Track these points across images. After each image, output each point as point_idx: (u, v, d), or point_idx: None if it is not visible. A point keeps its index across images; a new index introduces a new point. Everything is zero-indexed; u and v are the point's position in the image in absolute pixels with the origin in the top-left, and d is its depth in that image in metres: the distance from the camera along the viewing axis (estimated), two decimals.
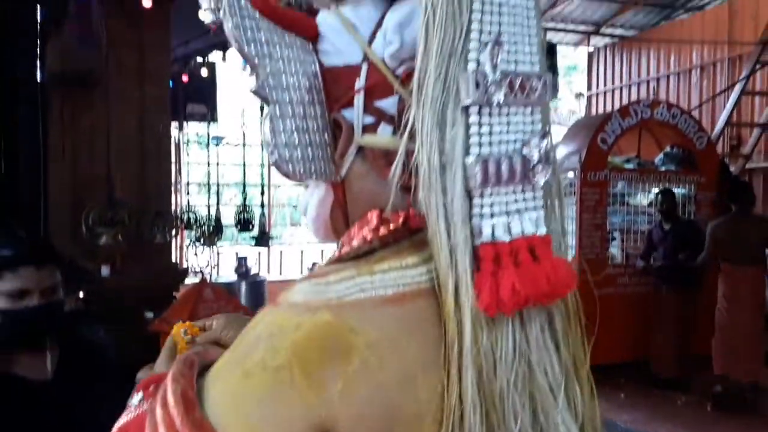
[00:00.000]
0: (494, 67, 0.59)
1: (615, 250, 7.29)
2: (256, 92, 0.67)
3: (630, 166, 7.14)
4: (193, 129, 9.20)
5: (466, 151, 0.59)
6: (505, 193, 0.60)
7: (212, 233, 5.08)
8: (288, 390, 0.55)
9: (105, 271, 3.85)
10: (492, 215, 0.59)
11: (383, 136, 0.67)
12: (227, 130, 10.90)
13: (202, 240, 5.18)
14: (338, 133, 0.69)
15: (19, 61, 3.65)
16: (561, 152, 7.56)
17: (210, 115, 7.64)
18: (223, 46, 5.29)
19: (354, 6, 0.68)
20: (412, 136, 0.60)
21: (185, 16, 4.12)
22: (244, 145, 8.50)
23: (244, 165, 8.00)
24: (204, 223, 5.08)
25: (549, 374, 0.61)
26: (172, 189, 4.95)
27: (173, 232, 4.13)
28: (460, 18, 0.58)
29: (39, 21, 3.65)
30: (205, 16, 0.70)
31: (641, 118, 6.93)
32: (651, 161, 7.26)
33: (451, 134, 0.58)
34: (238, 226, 6.72)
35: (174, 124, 6.18)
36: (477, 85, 0.58)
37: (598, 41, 13.75)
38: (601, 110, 13.32)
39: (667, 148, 7.20)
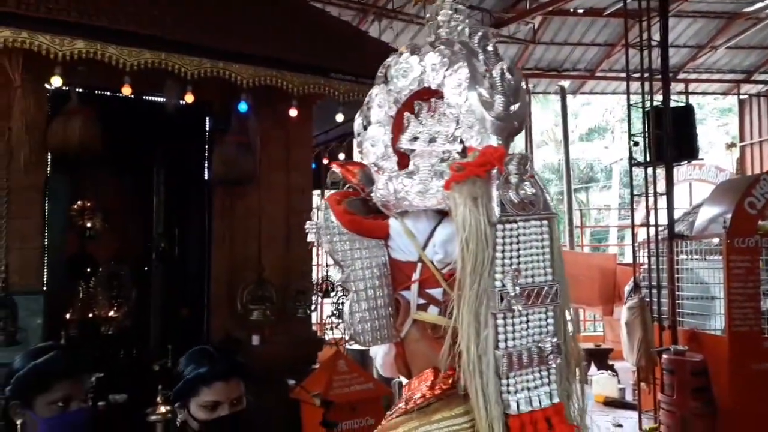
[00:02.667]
0: (514, 285, 0.80)
1: None
2: (341, 285, 0.97)
3: None
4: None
5: (496, 346, 0.79)
6: (526, 374, 0.80)
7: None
8: None
9: (255, 340, 4.34)
10: (516, 392, 0.79)
11: (431, 314, 0.91)
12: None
13: (337, 314, 5.67)
14: (399, 307, 0.95)
15: (192, 163, 4.38)
16: (705, 215, 7.13)
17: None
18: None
19: (414, 220, 0.94)
20: (450, 316, 0.82)
21: (327, 111, 4.69)
22: None
23: None
24: (339, 298, 5.60)
25: None
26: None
27: (312, 307, 4.58)
28: (486, 250, 0.79)
29: (207, 130, 4.36)
30: (310, 237, 0.98)
31: None
32: None
33: (484, 334, 0.79)
34: None
35: (316, 192, 6.82)
36: (501, 299, 0.79)
37: (750, 89, 12.82)
38: (756, 162, 12.30)
39: None
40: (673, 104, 7.38)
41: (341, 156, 5.92)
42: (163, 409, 3.47)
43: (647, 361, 6.84)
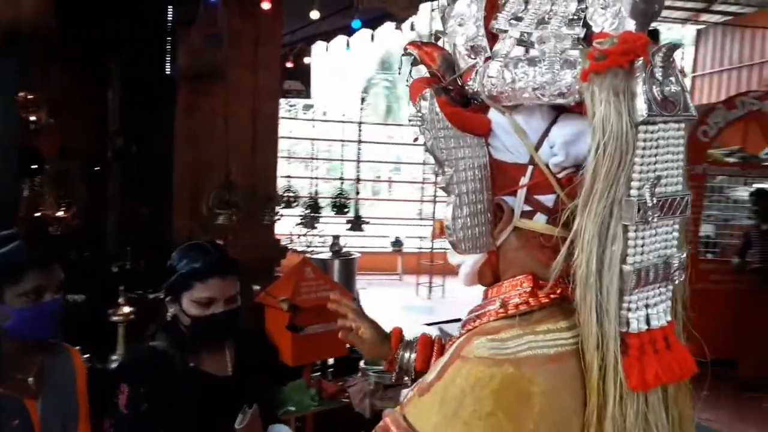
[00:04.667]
0: (652, 195, 0.72)
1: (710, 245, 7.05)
2: (444, 188, 0.85)
3: (732, 159, 6.84)
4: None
5: (623, 260, 0.72)
6: (647, 290, 0.74)
7: (311, 218, 5.52)
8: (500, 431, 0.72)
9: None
10: (637, 309, 0.73)
11: (538, 222, 0.82)
12: (319, 103, 11.89)
13: (303, 224, 5.64)
14: (499, 212, 0.85)
15: (153, 57, 4.09)
16: None
17: (306, 92, 8.18)
18: (326, 38, 5.56)
19: (527, 116, 0.81)
20: (563, 226, 0.75)
21: (295, 9, 4.43)
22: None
23: (341, 161, 8.51)
24: (304, 209, 5.54)
25: (659, 428, 0.77)
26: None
27: (278, 214, 4.51)
28: (626, 155, 0.70)
29: (170, 22, 4.05)
30: (413, 120, 0.84)
31: (748, 111, 6.61)
32: (755, 155, 6.93)
33: (613, 247, 0.71)
34: (335, 210, 7.23)
35: None
36: (638, 209, 0.71)
37: (709, 18, 12.87)
38: (706, 93, 12.63)
39: None
40: None
41: (306, 60, 5.67)
42: (125, 309, 3.40)
43: None
